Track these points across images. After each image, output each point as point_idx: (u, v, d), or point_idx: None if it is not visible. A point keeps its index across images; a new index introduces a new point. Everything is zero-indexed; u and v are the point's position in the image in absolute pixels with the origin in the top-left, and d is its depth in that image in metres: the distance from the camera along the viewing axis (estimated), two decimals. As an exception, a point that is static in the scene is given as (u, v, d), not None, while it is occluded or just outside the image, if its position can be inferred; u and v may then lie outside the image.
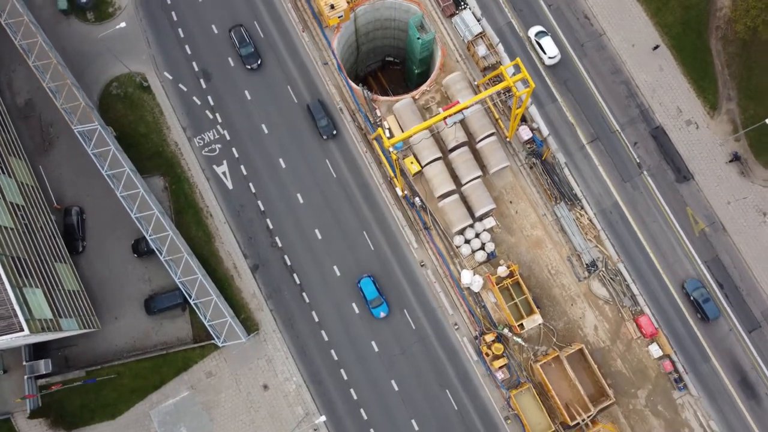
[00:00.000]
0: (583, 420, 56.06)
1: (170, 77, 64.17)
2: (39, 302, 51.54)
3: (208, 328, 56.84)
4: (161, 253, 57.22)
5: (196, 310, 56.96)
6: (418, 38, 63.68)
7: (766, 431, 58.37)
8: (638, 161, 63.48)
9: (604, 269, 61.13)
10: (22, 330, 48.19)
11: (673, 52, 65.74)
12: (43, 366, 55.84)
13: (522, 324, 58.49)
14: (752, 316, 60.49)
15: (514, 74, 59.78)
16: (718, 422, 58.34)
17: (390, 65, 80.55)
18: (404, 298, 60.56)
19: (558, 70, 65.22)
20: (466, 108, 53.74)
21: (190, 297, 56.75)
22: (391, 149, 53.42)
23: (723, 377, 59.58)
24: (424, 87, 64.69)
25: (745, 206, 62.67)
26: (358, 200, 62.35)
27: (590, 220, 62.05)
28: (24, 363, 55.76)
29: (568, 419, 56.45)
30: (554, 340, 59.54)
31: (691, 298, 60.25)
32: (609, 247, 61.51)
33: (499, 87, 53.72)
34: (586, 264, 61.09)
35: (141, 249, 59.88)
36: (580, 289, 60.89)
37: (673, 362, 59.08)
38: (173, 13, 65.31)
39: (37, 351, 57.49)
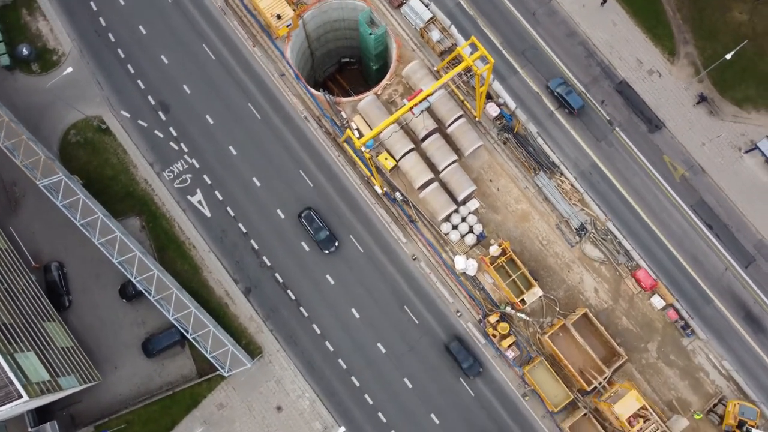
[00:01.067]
0: (600, 383, 55.95)
1: (128, 115, 62.84)
2: (33, 365, 50.10)
3: (211, 360, 55.81)
4: (150, 294, 56.01)
5: (196, 344, 55.89)
6: (370, 34, 63.13)
7: (778, 361, 58.94)
8: (608, 118, 63.54)
9: (594, 231, 61.10)
10: (20, 397, 46.78)
11: (623, 6, 65.93)
12: (50, 429, 54.19)
13: (523, 299, 58.21)
14: (745, 251, 60.87)
15: (471, 53, 59.31)
16: (730, 361, 58.62)
17: (347, 66, 79.89)
18: (402, 294, 59.99)
19: (514, 42, 65.12)
20: (430, 95, 53.23)
21: (187, 332, 55.64)
22: (362, 149, 52.79)
23: (728, 316, 59.87)
24: (384, 81, 64.12)
25: (720, 144, 63.06)
26: (339, 205, 61.61)
27: (572, 185, 61.99)
28: (29, 430, 54.15)
29: (585, 385, 56.29)
30: (557, 309, 59.38)
31: (555, 94, 62.75)
32: (595, 208, 61.49)
33: (460, 68, 53.29)
34: (576, 228, 61.02)
35: (129, 293, 58.58)
36: (573, 254, 60.81)
37: (677, 310, 59.21)
38: (119, 50, 63.96)
39: (41, 414, 55.89)
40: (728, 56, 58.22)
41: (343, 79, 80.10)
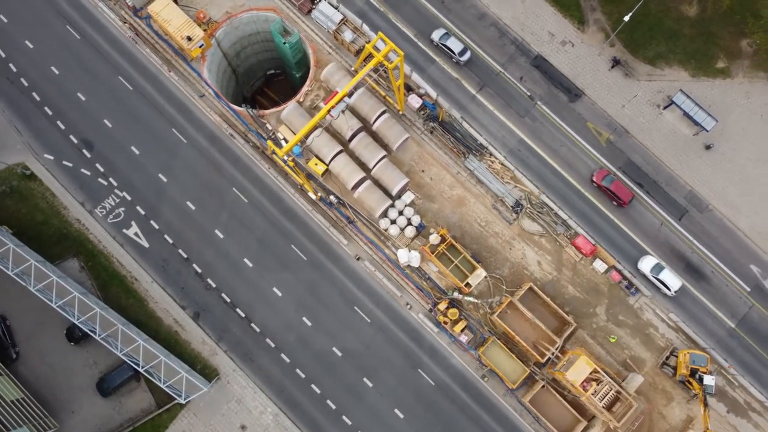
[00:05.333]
0: (553, 353, 56.73)
1: (51, 158, 62.15)
2: (-19, 423, 49.38)
3: (167, 390, 55.44)
4: (96, 333, 55.51)
5: (149, 377, 55.51)
6: (285, 43, 63.23)
7: (721, 305, 60.15)
8: (529, 94, 64.45)
9: (529, 206, 61.96)
10: (-31, 457, 46.11)
11: (528, -18, 66.96)
12: (11, 484, 53.53)
13: (468, 283, 58.79)
14: (677, 204, 62.19)
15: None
16: (677, 312, 59.87)
17: (275, 78, 79.89)
18: (351, 295, 60.21)
19: (427, 32, 65.68)
20: (347, 95, 53.62)
21: (138, 365, 55.22)
22: (285, 157, 52.89)
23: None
24: (305, 88, 64.26)
25: (639, 104, 64.37)
26: (276, 216, 61.66)
27: (502, 164, 62.77)
28: (-10, 488, 53.39)
29: (539, 357, 57.07)
30: (504, 287, 60.09)
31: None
32: (527, 184, 62.34)
33: (371, 65, 53.61)
34: (511, 206, 61.82)
35: (75, 335, 57.97)
36: (513, 231, 61.60)
37: (619, 271, 60.30)
38: (34, 93, 63.20)
39: (2, 471, 55.11)
40: (626, 18, 59.33)
41: (271, 91, 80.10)
